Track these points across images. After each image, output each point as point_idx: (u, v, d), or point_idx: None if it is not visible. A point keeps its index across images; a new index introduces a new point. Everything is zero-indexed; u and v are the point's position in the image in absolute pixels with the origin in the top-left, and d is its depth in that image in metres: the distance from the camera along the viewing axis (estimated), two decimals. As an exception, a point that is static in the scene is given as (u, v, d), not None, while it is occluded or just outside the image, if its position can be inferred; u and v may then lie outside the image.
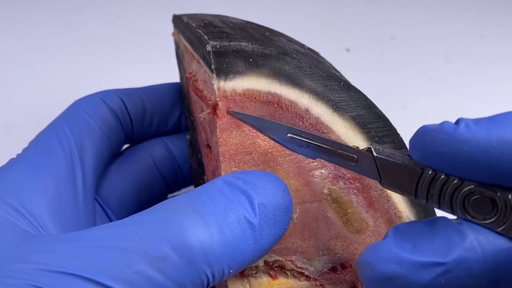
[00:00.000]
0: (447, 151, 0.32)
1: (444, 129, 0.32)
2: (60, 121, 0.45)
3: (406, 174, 0.34)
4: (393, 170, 0.34)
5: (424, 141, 0.33)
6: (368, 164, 0.35)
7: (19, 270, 0.32)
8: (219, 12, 0.54)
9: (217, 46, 0.38)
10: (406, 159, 0.34)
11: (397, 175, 0.34)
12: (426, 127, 0.33)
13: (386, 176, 0.35)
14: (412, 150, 0.34)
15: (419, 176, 0.33)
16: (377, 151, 0.35)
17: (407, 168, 0.34)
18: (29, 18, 0.89)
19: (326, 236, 0.40)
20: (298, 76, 0.40)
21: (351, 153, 0.35)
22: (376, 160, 0.35)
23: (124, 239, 0.33)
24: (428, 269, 0.32)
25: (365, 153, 0.35)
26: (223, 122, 0.39)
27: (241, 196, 0.35)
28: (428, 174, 0.33)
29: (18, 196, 0.38)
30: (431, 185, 0.33)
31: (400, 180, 0.34)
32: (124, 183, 0.49)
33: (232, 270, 0.35)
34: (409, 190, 0.34)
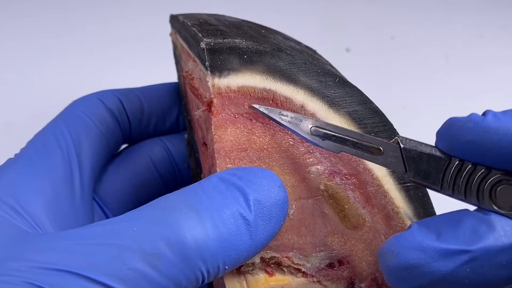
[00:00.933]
0: (476, 140, 0.32)
1: (472, 120, 0.33)
2: (58, 121, 0.45)
3: (433, 165, 0.34)
4: (420, 162, 0.35)
5: (452, 132, 0.34)
6: (394, 156, 0.36)
7: (15, 268, 0.32)
8: (218, 12, 0.55)
9: (211, 43, 0.38)
10: (432, 149, 0.35)
11: (423, 167, 0.35)
12: (454, 118, 0.34)
13: (412, 167, 0.35)
14: (439, 141, 0.35)
15: (446, 167, 0.34)
16: (404, 142, 0.35)
17: (433, 158, 0.34)
18: (29, 18, 0.89)
19: (323, 232, 0.40)
20: (292, 72, 0.40)
21: (376, 145, 0.36)
22: (403, 151, 0.35)
23: (118, 235, 0.33)
24: (453, 257, 0.32)
25: (392, 145, 0.36)
26: (218, 119, 0.39)
27: (236, 193, 0.35)
28: (455, 164, 0.34)
29: (15, 195, 0.39)
30: (457, 176, 0.34)
31: (426, 172, 0.35)
32: (122, 183, 0.49)
33: (228, 267, 0.35)
34: (435, 181, 0.34)
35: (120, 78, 0.75)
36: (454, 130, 0.34)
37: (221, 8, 0.75)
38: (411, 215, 0.41)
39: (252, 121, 0.39)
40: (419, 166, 0.35)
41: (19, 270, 0.32)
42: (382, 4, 0.99)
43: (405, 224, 0.41)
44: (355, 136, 0.36)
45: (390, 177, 0.41)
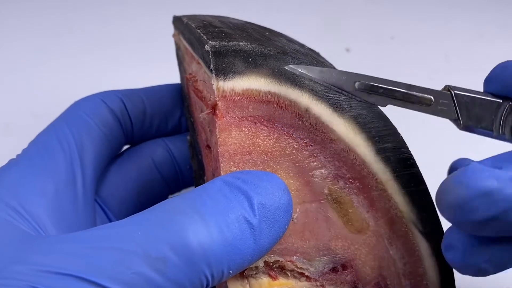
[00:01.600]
0: None
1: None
2: (60, 122, 0.45)
3: (485, 108, 0.35)
4: (471, 106, 0.35)
5: (507, 72, 0.34)
6: (445, 104, 0.36)
7: (18, 271, 0.32)
8: (219, 12, 0.54)
9: (216, 46, 0.38)
10: (483, 94, 0.35)
11: (475, 111, 0.35)
12: (506, 62, 0.35)
13: (464, 113, 0.35)
14: (491, 84, 0.35)
15: (498, 109, 0.34)
16: (455, 89, 0.35)
17: (485, 102, 0.35)
18: (29, 18, 0.89)
19: (327, 236, 0.40)
20: (297, 76, 0.40)
21: (426, 94, 0.36)
22: (455, 97, 0.35)
23: (123, 239, 0.33)
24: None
25: (442, 93, 0.36)
26: (223, 122, 0.39)
27: (240, 196, 0.35)
28: (507, 105, 0.34)
29: (17, 197, 0.38)
30: (509, 116, 0.34)
31: (478, 116, 0.35)
32: (124, 184, 0.49)
33: (232, 271, 0.34)
34: (488, 125, 0.35)
35: (120, 79, 0.75)
36: (508, 71, 0.34)
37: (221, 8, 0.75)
38: (415, 219, 0.41)
39: (256, 124, 0.39)
40: (471, 111, 0.35)
41: (22, 274, 0.32)
42: (382, 4, 0.99)
43: (408, 228, 0.41)
44: (403, 87, 0.36)
45: (394, 181, 0.41)
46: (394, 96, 0.36)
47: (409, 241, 0.41)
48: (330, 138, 0.40)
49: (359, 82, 0.36)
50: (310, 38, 0.59)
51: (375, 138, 0.41)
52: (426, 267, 0.42)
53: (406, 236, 0.41)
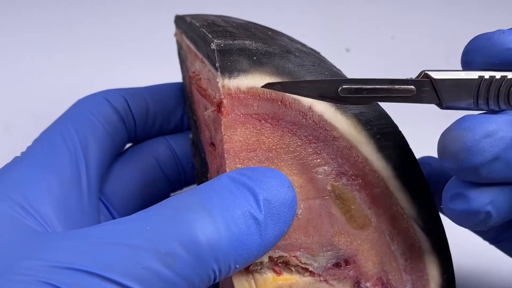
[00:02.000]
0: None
1: (505, 31, 0.36)
2: (64, 120, 0.45)
3: (463, 86, 0.36)
4: (451, 87, 0.36)
5: (490, 42, 0.36)
6: (426, 91, 0.37)
7: (28, 267, 0.32)
8: (219, 11, 0.55)
9: (221, 45, 0.39)
10: (460, 73, 0.36)
11: (455, 91, 0.36)
12: (484, 34, 0.36)
13: (445, 95, 0.37)
14: (472, 55, 0.37)
15: (479, 84, 0.36)
16: (433, 74, 0.37)
17: (463, 81, 0.36)
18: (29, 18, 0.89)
19: (330, 232, 0.41)
20: (301, 74, 0.40)
21: (408, 84, 0.37)
22: (434, 82, 0.37)
23: (132, 235, 0.33)
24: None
25: (422, 81, 0.37)
26: (228, 120, 0.39)
27: (246, 192, 0.36)
28: (486, 78, 0.36)
29: (23, 194, 0.39)
30: (490, 88, 0.36)
31: (458, 95, 0.36)
32: (127, 182, 0.50)
33: (238, 266, 0.35)
34: (469, 101, 0.36)
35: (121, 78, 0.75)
36: (492, 40, 0.36)
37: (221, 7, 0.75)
38: (416, 216, 0.42)
39: (261, 121, 0.40)
40: (451, 92, 0.36)
41: (33, 269, 0.32)
42: (382, 4, 0.99)
43: (409, 224, 0.42)
44: (385, 83, 0.37)
45: (395, 178, 0.41)
46: (378, 93, 0.37)
47: (410, 237, 0.42)
48: (333, 135, 0.41)
49: (341, 87, 0.37)
50: (310, 38, 0.60)
51: (377, 136, 0.41)
52: (426, 263, 0.42)
53: (407, 232, 0.42)
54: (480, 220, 0.36)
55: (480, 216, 0.36)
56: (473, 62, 0.37)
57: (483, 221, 0.36)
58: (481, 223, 0.36)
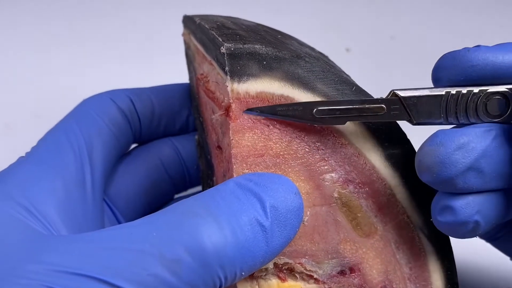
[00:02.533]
0: (477, 63, 0.37)
1: (470, 49, 0.38)
2: (69, 120, 0.45)
3: (432, 103, 0.38)
4: (420, 104, 0.38)
5: (455, 61, 0.38)
6: (396, 109, 0.39)
7: (32, 271, 0.32)
8: (219, 12, 0.54)
9: (231, 48, 0.38)
10: (427, 90, 0.38)
11: (424, 108, 0.38)
12: (451, 52, 0.38)
13: (415, 112, 0.38)
14: (440, 72, 0.39)
15: (447, 99, 0.38)
16: (402, 92, 0.39)
17: (431, 97, 0.38)
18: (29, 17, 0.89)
19: (336, 239, 0.40)
20: (310, 80, 0.40)
21: (378, 103, 0.39)
22: (403, 100, 0.38)
23: (138, 240, 0.33)
24: (485, 134, 0.37)
25: (391, 99, 0.39)
26: (236, 124, 0.39)
27: (252, 199, 0.35)
28: (452, 94, 0.38)
29: (28, 195, 0.38)
30: (458, 103, 0.38)
31: (427, 111, 0.38)
32: (131, 183, 0.49)
33: (244, 272, 0.35)
34: (438, 116, 0.38)
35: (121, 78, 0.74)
36: (457, 59, 0.37)
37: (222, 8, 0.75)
38: (421, 224, 0.42)
39: (269, 127, 0.39)
40: (420, 109, 0.38)
41: (37, 273, 0.32)
42: (382, 4, 0.99)
43: (415, 233, 0.42)
44: (357, 103, 0.39)
45: (402, 187, 0.41)
46: (351, 113, 0.39)
47: (416, 246, 0.42)
48: (341, 142, 0.40)
49: (316, 109, 0.38)
50: (310, 38, 0.59)
51: (385, 144, 0.41)
52: (431, 272, 0.42)
53: (413, 241, 0.42)
54: (469, 230, 0.37)
55: (469, 226, 0.37)
56: (441, 79, 0.39)
57: (472, 230, 0.37)
58: (470, 233, 0.38)
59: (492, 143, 0.36)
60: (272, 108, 0.39)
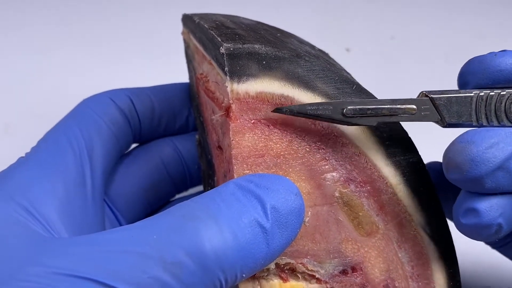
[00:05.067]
0: (505, 68, 0.38)
1: (497, 54, 0.38)
2: (69, 120, 0.45)
3: (462, 104, 0.38)
4: (450, 105, 0.38)
5: (483, 65, 0.38)
6: (427, 109, 0.39)
7: (33, 273, 0.32)
8: (218, 11, 0.54)
9: (230, 49, 0.38)
10: (457, 92, 0.39)
11: (454, 109, 0.39)
12: (478, 57, 0.39)
13: (445, 113, 0.39)
14: (467, 77, 0.39)
15: (476, 101, 0.38)
16: (432, 93, 0.39)
17: (461, 98, 0.39)
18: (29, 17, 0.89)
19: (337, 239, 0.40)
20: (310, 79, 0.40)
21: (409, 104, 0.39)
22: (434, 101, 0.38)
23: (138, 243, 0.33)
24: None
25: (422, 99, 0.39)
26: (236, 125, 0.39)
27: (253, 200, 0.35)
28: (481, 95, 0.38)
29: (28, 197, 0.38)
30: (487, 104, 0.38)
31: (458, 112, 0.38)
32: (132, 184, 0.49)
33: (245, 274, 0.35)
34: (468, 117, 0.38)
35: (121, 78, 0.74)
36: (485, 63, 0.38)
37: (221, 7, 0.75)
38: (423, 223, 0.42)
39: (269, 127, 0.39)
40: (450, 110, 0.38)
41: (37, 276, 0.32)
42: (382, 4, 0.99)
43: (417, 231, 0.42)
44: (387, 103, 0.39)
45: (404, 185, 0.41)
46: (382, 113, 0.38)
47: (418, 244, 0.42)
48: (342, 141, 0.40)
49: (346, 108, 0.38)
50: (310, 38, 0.59)
51: (386, 142, 0.41)
52: (433, 270, 0.42)
53: (415, 240, 0.42)
54: (492, 233, 0.37)
55: (492, 229, 0.37)
56: (468, 84, 0.39)
57: (495, 233, 0.37)
58: (493, 235, 0.37)
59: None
60: (302, 107, 0.38)
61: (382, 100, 0.39)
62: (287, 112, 0.39)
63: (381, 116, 0.38)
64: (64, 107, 0.47)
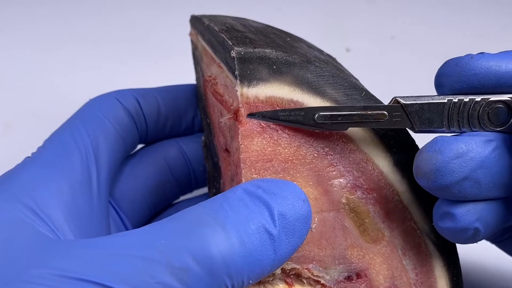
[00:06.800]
0: (480, 72, 0.37)
1: (473, 56, 0.38)
2: (76, 120, 0.44)
3: (433, 110, 0.38)
4: (421, 112, 0.38)
5: (458, 68, 0.38)
6: (398, 115, 0.39)
7: (38, 275, 0.32)
8: (220, 11, 0.54)
9: (241, 53, 0.38)
10: (429, 98, 0.38)
11: (426, 115, 0.38)
12: (454, 58, 0.38)
13: (417, 119, 0.38)
14: (442, 79, 0.39)
15: (449, 107, 0.38)
16: (404, 100, 0.38)
17: (433, 105, 0.38)
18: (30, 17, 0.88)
19: (343, 245, 0.40)
20: (320, 85, 0.40)
21: (380, 110, 0.39)
22: (405, 107, 0.38)
23: (146, 247, 0.33)
24: (485, 144, 0.37)
25: (394, 106, 0.39)
26: (245, 129, 0.39)
27: (261, 206, 0.35)
28: (452, 103, 0.38)
29: (34, 197, 0.38)
30: (460, 111, 0.38)
31: (429, 119, 0.38)
32: (137, 185, 0.49)
33: (251, 281, 0.35)
34: (439, 124, 0.38)
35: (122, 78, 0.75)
36: (460, 66, 0.38)
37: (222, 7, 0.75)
38: (428, 231, 0.42)
39: (278, 132, 0.39)
40: (422, 116, 0.38)
41: (42, 278, 0.31)
42: (382, 4, 0.99)
43: (422, 239, 0.42)
44: (359, 109, 0.39)
45: (410, 192, 0.41)
46: (353, 119, 0.39)
47: (422, 252, 0.42)
48: (350, 148, 0.40)
49: (318, 114, 0.38)
50: (310, 38, 0.59)
51: (393, 149, 0.41)
52: (437, 278, 0.42)
53: (419, 247, 0.42)
54: (469, 236, 0.38)
55: (468, 233, 0.37)
56: (443, 86, 0.39)
57: (472, 237, 0.38)
58: (470, 239, 0.38)
59: (492, 154, 0.36)
60: (274, 113, 0.39)
61: (353, 106, 0.39)
62: (259, 117, 0.39)
63: (352, 123, 0.39)
64: (64, 107, 0.47)
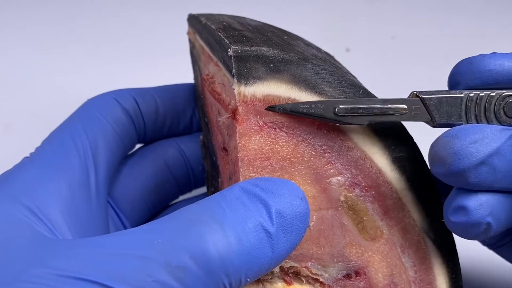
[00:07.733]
0: (494, 68, 0.39)
1: (486, 55, 0.39)
2: (74, 120, 0.44)
3: (452, 104, 0.39)
4: (440, 105, 0.39)
5: (472, 66, 0.39)
6: (417, 109, 0.39)
7: (37, 275, 0.32)
8: (219, 11, 0.54)
9: (238, 51, 0.38)
10: (447, 92, 0.39)
11: (444, 109, 0.39)
12: (468, 58, 0.40)
13: (435, 113, 0.39)
14: (457, 77, 0.40)
15: (466, 101, 0.39)
16: (423, 94, 0.39)
17: (451, 99, 0.39)
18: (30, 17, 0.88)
19: (341, 243, 0.40)
20: (317, 83, 0.40)
21: (400, 103, 0.39)
22: (424, 101, 0.39)
23: (143, 247, 0.33)
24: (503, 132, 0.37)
25: (413, 99, 0.40)
26: (243, 127, 0.39)
27: (258, 204, 0.35)
28: (469, 96, 0.39)
29: (33, 197, 0.38)
30: (477, 104, 0.39)
31: (448, 112, 0.39)
32: (135, 185, 0.49)
33: (249, 279, 0.35)
34: (458, 117, 0.39)
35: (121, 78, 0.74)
36: (474, 64, 0.39)
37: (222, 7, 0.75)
38: (427, 228, 0.42)
39: (276, 130, 0.39)
40: (441, 110, 0.39)
41: (41, 277, 0.31)
42: (382, 4, 0.99)
43: (420, 237, 0.42)
44: (379, 103, 0.39)
45: (408, 190, 0.41)
46: (373, 113, 0.39)
47: (421, 249, 0.42)
48: (348, 146, 0.40)
49: (338, 107, 0.39)
50: (310, 37, 0.59)
51: (391, 147, 0.41)
52: (436, 275, 0.42)
53: (418, 245, 0.42)
54: (481, 231, 0.37)
55: (481, 228, 0.37)
56: (458, 84, 0.40)
57: (484, 232, 0.37)
58: (481, 234, 0.38)
59: (507, 142, 0.36)
60: (295, 106, 0.39)
61: (374, 99, 0.39)
62: (279, 110, 0.39)
63: (372, 116, 0.39)
64: (64, 107, 0.47)
